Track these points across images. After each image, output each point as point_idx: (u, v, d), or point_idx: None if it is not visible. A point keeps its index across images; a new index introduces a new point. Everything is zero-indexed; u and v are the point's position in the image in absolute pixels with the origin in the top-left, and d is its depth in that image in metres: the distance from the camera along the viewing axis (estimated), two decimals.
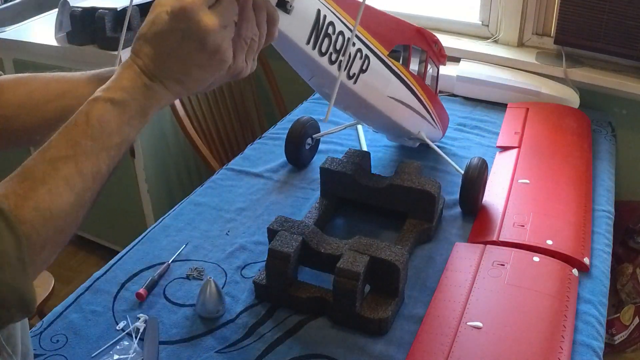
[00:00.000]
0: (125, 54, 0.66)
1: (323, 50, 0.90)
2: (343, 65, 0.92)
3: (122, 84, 0.61)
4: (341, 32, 0.93)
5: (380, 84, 1.07)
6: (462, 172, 1.21)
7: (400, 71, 1.11)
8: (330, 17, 0.90)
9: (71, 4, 1.90)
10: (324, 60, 0.91)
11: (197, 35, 0.60)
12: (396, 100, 1.12)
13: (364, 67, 1.01)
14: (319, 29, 0.88)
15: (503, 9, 1.85)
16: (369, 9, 1.01)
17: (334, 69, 0.93)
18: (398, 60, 1.12)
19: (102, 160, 0.59)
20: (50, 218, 0.55)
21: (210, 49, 0.61)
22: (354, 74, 0.99)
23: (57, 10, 1.95)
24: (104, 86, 0.61)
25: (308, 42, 0.87)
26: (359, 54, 0.99)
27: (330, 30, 0.90)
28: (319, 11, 0.87)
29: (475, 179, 1.19)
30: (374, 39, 1.02)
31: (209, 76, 0.64)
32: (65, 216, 0.56)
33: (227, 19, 0.62)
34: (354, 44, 0.97)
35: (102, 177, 0.60)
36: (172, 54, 0.61)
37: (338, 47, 0.93)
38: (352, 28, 0.94)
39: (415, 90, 1.17)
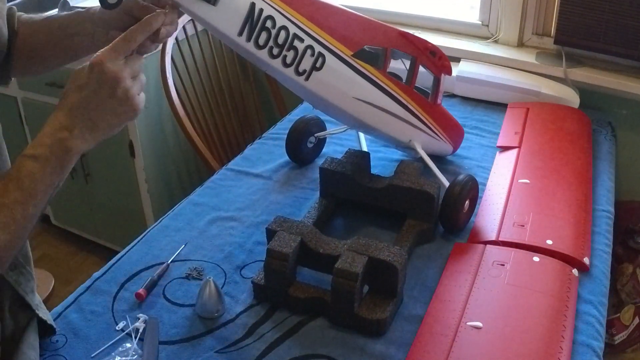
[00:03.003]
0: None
1: (260, 43, 0.91)
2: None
3: (44, 141, 0.72)
4: (284, 27, 0.92)
5: (341, 83, 1.04)
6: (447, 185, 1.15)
7: (372, 74, 1.07)
8: (268, 11, 0.90)
9: (71, 4, 1.90)
10: (262, 54, 0.92)
11: (108, 83, 0.72)
12: (365, 102, 1.09)
13: (317, 65, 0.99)
14: (253, 22, 0.89)
15: (503, 9, 1.85)
16: (330, 7, 1.00)
17: (276, 63, 0.94)
18: (375, 64, 1.08)
19: (30, 205, 0.72)
20: None
21: (120, 96, 0.73)
22: (304, 70, 0.98)
23: (57, 10, 1.95)
24: (31, 142, 0.73)
25: (240, 34, 0.89)
26: (309, 51, 0.97)
27: (268, 24, 0.91)
28: (253, 4, 0.88)
29: (456, 197, 1.12)
30: (331, 38, 1.00)
31: (121, 122, 0.75)
32: (4, 251, 0.71)
33: (136, 70, 0.75)
34: (302, 40, 0.96)
35: (31, 217, 0.72)
36: (90, 102, 0.72)
37: (281, 42, 0.93)
38: (298, 24, 0.94)
39: (397, 95, 1.13)
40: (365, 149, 1.47)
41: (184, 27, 1.91)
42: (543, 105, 1.63)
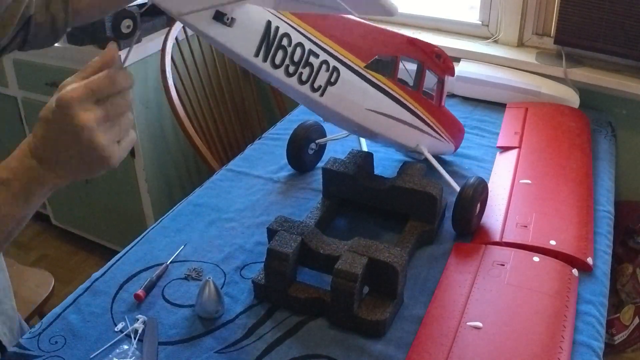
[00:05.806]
0: (125, 54, 0.66)
1: (277, 62, 0.88)
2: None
3: (11, 164, 0.65)
4: (299, 44, 0.90)
5: (355, 96, 1.03)
6: (458, 189, 1.15)
7: (383, 83, 1.06)
8: (284, 29, 0.87)
9: None
10: (278, 73, 0.89)
11: (71, 128, 0.60)
12: (378, 112, 1.08)
13: (331, 80, 0.97)
14: (269, 41, 0.85)
15: (503, 9, 1.85)
16: (343, 19, 0.98)
17: (292, 81, 0.91)
18: (385, 73, 1.07)
19: None
20: None
21: (85, 145, 0.61)
22: (319, 86, 0.96)
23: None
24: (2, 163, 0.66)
25: (257, 55, 0.85)
26: (324, 66, 0.95)
27: (285, 42, 0.87)
28: (269, 22, 0.85)
29: (469, 200, 1.12)
30: (345, 51, 0.98)
31: (91, 170, 0.65)
32: None
33: (114, 113, 0.62)
34: (317, 56, 0.93)
35: None
36: (56, 141, 0.63)
37: (296, 59, 0.90)
38: (313, 39, 0.91)
39: (406, 102, 1.13)
40: (365, 149, 1.46)
41: (184, 27, 1.91)
42: (542, 105, 1.63)
